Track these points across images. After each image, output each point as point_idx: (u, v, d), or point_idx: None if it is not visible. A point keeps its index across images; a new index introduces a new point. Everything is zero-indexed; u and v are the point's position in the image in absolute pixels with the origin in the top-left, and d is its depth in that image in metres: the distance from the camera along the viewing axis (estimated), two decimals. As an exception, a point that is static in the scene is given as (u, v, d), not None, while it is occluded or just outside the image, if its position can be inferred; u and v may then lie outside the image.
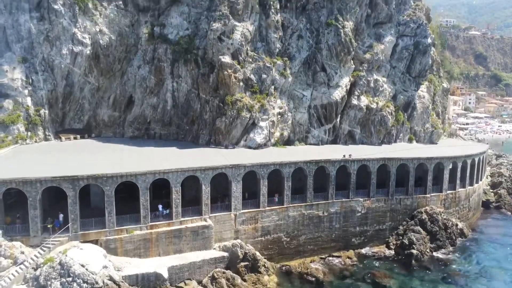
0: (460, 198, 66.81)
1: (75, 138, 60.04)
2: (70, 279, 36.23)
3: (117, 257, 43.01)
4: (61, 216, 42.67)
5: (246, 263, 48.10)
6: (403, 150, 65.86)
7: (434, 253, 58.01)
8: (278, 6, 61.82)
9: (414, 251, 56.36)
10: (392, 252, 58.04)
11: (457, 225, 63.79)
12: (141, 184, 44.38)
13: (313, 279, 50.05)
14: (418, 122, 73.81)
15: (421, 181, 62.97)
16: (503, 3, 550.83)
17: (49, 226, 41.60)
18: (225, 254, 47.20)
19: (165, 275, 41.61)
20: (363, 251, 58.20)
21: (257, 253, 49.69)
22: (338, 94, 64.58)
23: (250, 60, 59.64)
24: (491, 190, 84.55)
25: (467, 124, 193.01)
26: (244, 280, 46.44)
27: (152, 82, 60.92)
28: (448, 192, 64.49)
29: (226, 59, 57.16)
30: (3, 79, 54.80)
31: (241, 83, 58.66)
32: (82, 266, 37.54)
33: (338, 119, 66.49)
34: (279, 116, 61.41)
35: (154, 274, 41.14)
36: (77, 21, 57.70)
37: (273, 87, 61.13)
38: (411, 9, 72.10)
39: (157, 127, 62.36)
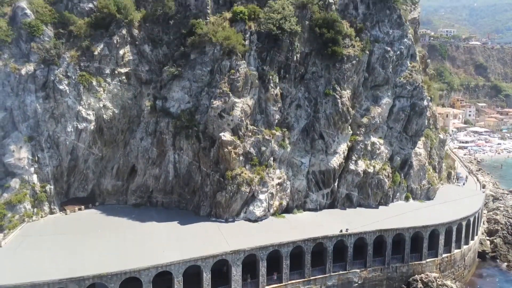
0: (455, 260, 68.38)
1: (79, 209, 61.80)
2: None
3: None
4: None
5: None
6: (399, 214, 67.17)
7: (429, 325, 59.76)
8: (277, 80, 63.31)
9: (410, 323, 58.16)
10: (388, 324, 59.82)
11: (452, 288, 65.45)
12: (144, 278, 46.21)
13: None
14: (414, 180, 75.27)
15: (417, 244, 64.49)
16: (504, 6, 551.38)
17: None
18: None
19: None
20: (360, 322, 59.97)
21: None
22: (335, 161, 66.11)
23: (250, 134, 61.21)
24: (487, 238, 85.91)
25: (466, 142, 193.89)
26: None
27: (154, 153, 62.68)
28: (443, 256, 66.15)
29: (227, 136, 58.78)
30: (10, 159, 56.49)
31: (241, 157, 60.24)
32: None
33: (336, 183, 67.98)
34: (278, 186, 62.97)
35: None
36: (81, 99, 59.43)
37: (272, 158, 62.71)
38: (407, 70, 73.38)
39: (159, 196, 64.07)
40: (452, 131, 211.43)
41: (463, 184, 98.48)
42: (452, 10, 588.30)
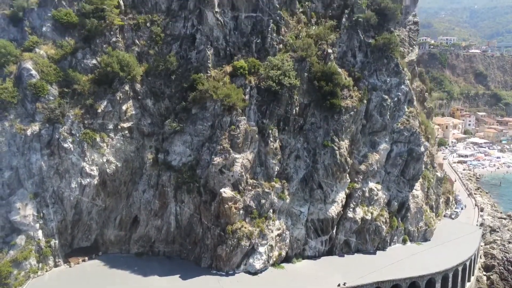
0: (451, 306, 69.88)
1: (83, 261, 63.20)
2: None
3: None
4: None
5: None
6: (396, 262, 68.32)
7: None
8: (276, 133, 64.56)
9: None
10: None
11: (447, 335, 66.79)
12: None
13: None
14: (412, 222, 76.50)
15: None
16: (504, 8, 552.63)
17: None
18: None
19: None
20: None
21: None
22: (334, 210, 67.39)
23: (250, 187, 62.49)
24: (484, 274, 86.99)
25: (466, 156, 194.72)
26: None
27: (156, 205, 64.15)
28: (440, 302, 67.71)
29: (227, 193, 60.12)
30: (16, 216, 57.96)
31: (241, 211, 61.56)
32: None
33: (334, 230, 69.27)
34: (278, 237, 64.28)
35: None
36: (85, 155, 60.72)
37: (271, 210, 63.99)
38: (405, 116, 74.55)
39: (161, 246, 65.53)
40: (452, 142, 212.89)
41: (462, 209, 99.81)
42: (452, 12, 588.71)
